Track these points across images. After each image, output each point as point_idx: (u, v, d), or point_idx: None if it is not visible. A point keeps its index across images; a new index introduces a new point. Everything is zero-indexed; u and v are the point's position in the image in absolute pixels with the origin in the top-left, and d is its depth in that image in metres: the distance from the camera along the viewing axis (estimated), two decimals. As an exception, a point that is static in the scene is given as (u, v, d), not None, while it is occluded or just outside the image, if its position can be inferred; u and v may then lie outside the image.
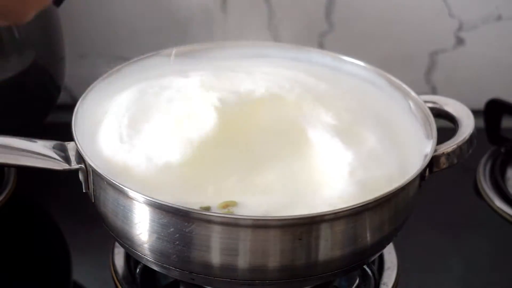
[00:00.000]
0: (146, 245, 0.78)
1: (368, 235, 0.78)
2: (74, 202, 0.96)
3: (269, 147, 0.82)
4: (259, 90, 0.87)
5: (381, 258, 0.91)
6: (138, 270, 0.88)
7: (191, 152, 0.80)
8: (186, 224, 0.74)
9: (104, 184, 0.79)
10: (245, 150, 0.82)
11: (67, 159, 0.82)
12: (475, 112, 0.90)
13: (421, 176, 0.82)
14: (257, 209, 0.77)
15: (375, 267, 0.89)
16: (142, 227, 0.77)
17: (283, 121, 0.85)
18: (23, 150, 0.82)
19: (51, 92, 1.04)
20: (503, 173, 1.09)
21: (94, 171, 0.79)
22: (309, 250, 0.76)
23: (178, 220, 0.75)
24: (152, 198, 0.75)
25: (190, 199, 0.77)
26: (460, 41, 1.21)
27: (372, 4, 1.19)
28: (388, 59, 1.20)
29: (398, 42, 1.21)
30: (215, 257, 0.75)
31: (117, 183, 0.76)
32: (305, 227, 0.75)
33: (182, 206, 0.74)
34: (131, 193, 0.76)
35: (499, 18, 1.20)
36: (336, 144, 0.82)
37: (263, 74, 0.91)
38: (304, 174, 0.81)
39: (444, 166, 0.84)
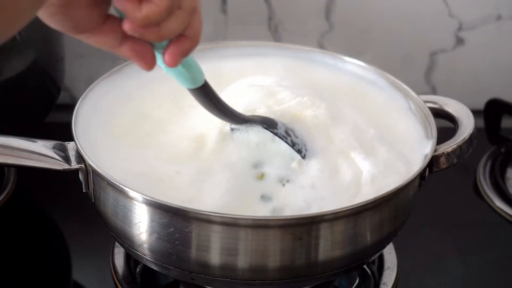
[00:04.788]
0: (146, 245, 0.78)
1: (368, 235, 0.78)
2: (74, 202, 0.96)
3: None
4: (256, 95, 0.87)
5: (381, 258, 0.91)
6: (138, 270, 0.88)
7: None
8: (186, 224, 0.74)
9: (104, 184, 0.78)
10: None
11: (67, 159, 0.82)
12: (475, 112, 0.90)
13: (421, 176, 0.82)
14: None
15: (375, 267, 0.89)
16: (142, 227, 0.77)
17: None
18: (23, 150, 0.82)
19: (51, 92, 1.04)
20: (503, 173, 1.09)
21: (94, 171, 0.79)
22: (309, 250, 0.76)
23: (178, 220, 0.75)
24: (152, 198, 0.75)
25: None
26: (460, 41, 1.21)
27: (372, 4, 1.19)
28: (388, 59, 1.20)
29: (398, 42, 1.21)
30: (215, 257, 0.75)
31: (117, 183, 0.76)
32: (305, 227, 0.75)
33: (182, 206, 0.74)
34: (131, 193, 0.76)
35: (499, 18, 1.20)
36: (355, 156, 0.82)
37: (261, 75, 0.91)
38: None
39: (444, 166, 0.84)
